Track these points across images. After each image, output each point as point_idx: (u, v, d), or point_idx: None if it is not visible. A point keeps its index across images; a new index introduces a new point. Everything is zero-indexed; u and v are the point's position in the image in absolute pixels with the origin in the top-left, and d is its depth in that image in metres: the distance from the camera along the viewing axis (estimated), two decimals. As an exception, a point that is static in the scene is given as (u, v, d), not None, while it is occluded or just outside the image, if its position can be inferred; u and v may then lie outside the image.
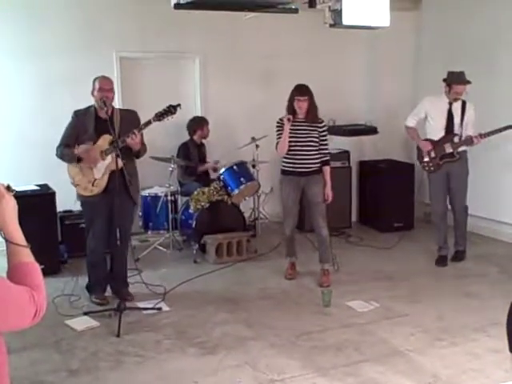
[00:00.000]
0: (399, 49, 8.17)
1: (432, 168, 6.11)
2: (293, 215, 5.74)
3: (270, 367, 4.08)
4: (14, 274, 1.77)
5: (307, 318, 4.93)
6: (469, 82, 5.87)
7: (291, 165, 5.62)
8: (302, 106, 5.53)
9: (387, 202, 7.60)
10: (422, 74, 8.25)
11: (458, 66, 5.98)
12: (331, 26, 5.05)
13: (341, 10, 4.73)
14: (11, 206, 1.81)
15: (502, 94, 6.46)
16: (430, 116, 6.10)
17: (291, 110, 5.58)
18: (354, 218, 7.99)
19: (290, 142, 5.54)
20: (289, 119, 5.47)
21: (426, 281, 5.82)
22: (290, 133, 5.53)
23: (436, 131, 6.07)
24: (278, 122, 5.66)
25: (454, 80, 5.88)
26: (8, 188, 1.83)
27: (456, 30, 7.53)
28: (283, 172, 5.73)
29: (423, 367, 4.09)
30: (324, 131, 5.65)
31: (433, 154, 6.07)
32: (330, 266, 5.86)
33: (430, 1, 7.99)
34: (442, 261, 6.26)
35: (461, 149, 6.02)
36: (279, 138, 5.61)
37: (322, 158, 5.65)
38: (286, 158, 5.64)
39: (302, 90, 5.53)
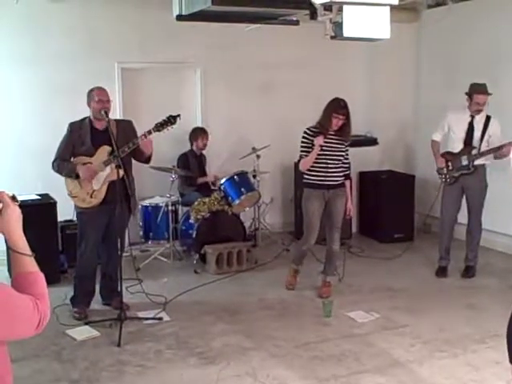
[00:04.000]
0: (399, 60, 8.22)
1: (449, 180, 6.13)
2: (316, 231, 5.58)
3: (271, 377, 4.08)
4: (19, 282, 1.78)
5: (308, 329, 4.93)
6: (489, 94, 5.87)
7: (320, 178, 5.47)
8: (339, 124, 5.39)
9: (387, 212, 7.61)
10: (422, 85, 8.30)
11: (458, 78, 6.02)
12: (332, 37, 5.09)
13: (342, 22, 4.76)
14: (16, 216, 1.83)
15: (504, 105, 6.48)
16: (452, 129, 6.12)
17: (327, 124, 5.40)
18: (354, 228, 8.00)
19: (319, 154, 5.41)
20: (320, 145, 5.34)
21: (426, 292, 5.83)
22: (321, 146, 5.40)
23: (455, 143, 6.09)
24: (305, 133, 5.48)
25: (475, 90, 5.89)
26: (13, 198, 1.84)
27: (456, 41, 7.58)
28: (310, 185, 5.54)
29: (423, 378, 4.09)
30: (348, 145, 5.58)
31: (450, 167, 6.10)
32: (332, 278, 5.82)
33: (428, 13, 8.04)
34: (441, 272, 6.27)
35: (478, 162, 5.99)
36: (304, 152, 5.47)
37: (344, 171, 5.59)
38: (312, 171, 5.48)
39: (342, 108, 5.36)
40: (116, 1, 6.81)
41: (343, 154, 5.56)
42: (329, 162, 5.47)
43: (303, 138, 5.51)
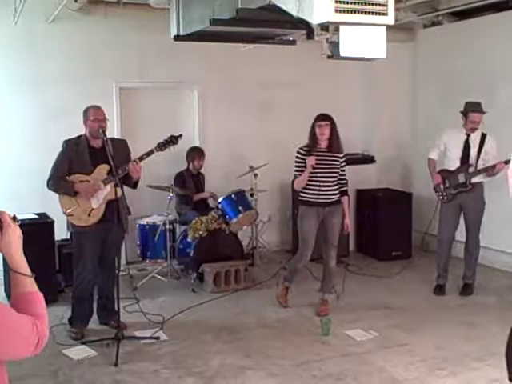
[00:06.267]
0: (396, 79, 8.27)
1: (446, 197, 6.14)
2: (311, 248, 5.60)
3: (269, 397, 4.06)
4: (18, 303, 1.78)
5: (306, 347, 4.91)
6: (484, 112, 5.92)
7: (314, 195, 5.51)
8: (324, 132, 5.45)
9: (385, 230, 7.63)
10: (419, 103, 8.35)
11: (454, 96, 6.06)
12: (329, 57, 5.14)
13: (338, 42, 4.80)
14: (17, 236, 1.83)
15: (499, 123, 6.52)
16: (448, 147, 6.16)
17: (313, 137, 5.51)
18: (351, 246, 8.00)
19: (312, 172, 5.45)
20: (312, 166, 5.40)
21: (424, 310, 5.82)
22: (312, 166, 5.45)
23: (452, 162, 6.12)
24: (298, 153, 5.56)
25: (470, 109, 5.94)
26: (14, 218, 1.85)
27: (451, 60, 7.64)
28: (305, 203, 5.59)
29: (423, 397, 4.07)
30: (344, 161, 5.61)
31: (447, 184, 6.12)
32: (330, 296, 5.83)
33: (424, 33, 8.11)
34: (439, 289, 6.26)
35: (475, 180, 6.02)
36: (297, 171, 5.55)
37: (340, 188, 5.62)
38: (307, 188, 5.53)
39: (323, 116, 5.49)
40: (114, 21, 6.87)
41: (337, 170, 5.57)
42: (323, 179, 5.50)
43: (296, 157, 5.59)
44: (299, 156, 5.56)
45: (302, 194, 5.62)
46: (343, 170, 5.63)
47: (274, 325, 5.45)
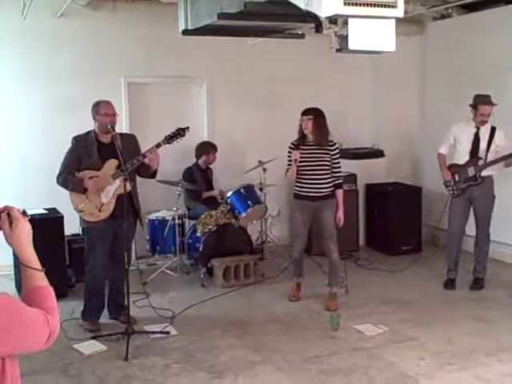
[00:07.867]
0: (405, 72, 8.22)
1: (456, 192, 6.11)
2: (302, 238, 5.72)
3: (279, 392, 4.06)
4: (29, 297, 1.79)
5: (315, 342, 4.90)
6: (494, 104, 5.89)
7: (304, 189, 5.60)
8: (306, 126, 5.52)
9: (395, 225, 7.59)
10: (428, 97, 8.30)
11: (464, 90, 6.01)
12: (337, 50, 5.09)
13: (347, 35, 4.76)
14: (27, 231, 1.84)
15: (509, 116, 6.46)
16: (458, 141, 6.13)
17: (299, 132, 5.61)
18: (361, 241, 7.98)
19: (301, 166, 5.53)
20: (296, 160, 5.48)
21: (434, 304, 5.79)
22: (301, 157, 5.51)
23: (462, 155, 6.09)
24: (289, 147, 5.66)
25: (480, 101, 5.90)
26: (23, 213, 1.85)
27: (461, 53, 7.59)
28: (296, 196, 5.71)
29: (433, 392, 4.06)
30: (336, 154, 5.61)
31: (457, 178, 6.09)
32: (338, 289, 5.84)
33: (434, 25, 8.06)
34: (450, 284, 6.24)
35: (485, 174, 5.98)
36: (289, 164, 5.63)
37: (334, 181, 5.63)
38: (297, 182, 5.63)
39: (306, 110, 5.57)
40: (122, 16, 6.86)
41: (327, 163, 5.57)
42: (312, 172, 5.55)
43: (288, 151, 5.68)
44: (289, 150, 5.65)
45: (294, 187, 5.71)
46: (336, 163, 5.63)
47: (283, 319, 5.45)
